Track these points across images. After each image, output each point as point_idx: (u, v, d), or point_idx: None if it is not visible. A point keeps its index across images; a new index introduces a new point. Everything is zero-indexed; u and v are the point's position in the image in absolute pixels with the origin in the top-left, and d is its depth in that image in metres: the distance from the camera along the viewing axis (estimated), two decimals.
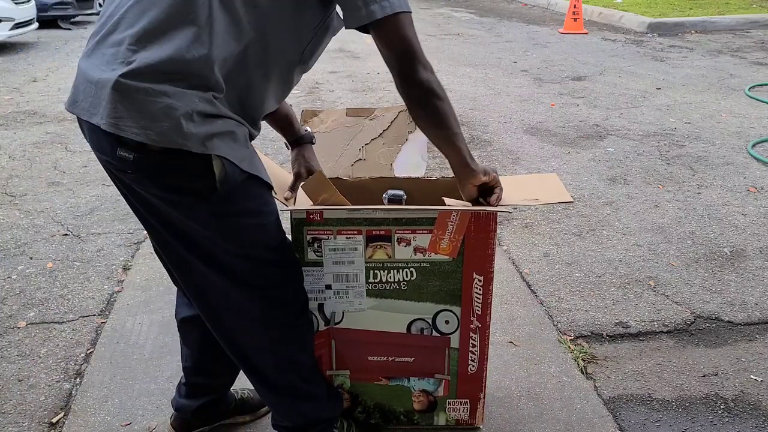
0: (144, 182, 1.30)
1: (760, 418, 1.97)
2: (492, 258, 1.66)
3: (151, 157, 1.24)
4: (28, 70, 6.75)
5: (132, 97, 1.21)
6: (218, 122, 1.26)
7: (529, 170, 3.96)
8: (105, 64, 1.24)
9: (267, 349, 1.56)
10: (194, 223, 1.35)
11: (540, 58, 7.28)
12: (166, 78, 1.21)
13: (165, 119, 1.20)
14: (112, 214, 3.33)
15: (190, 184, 1.29)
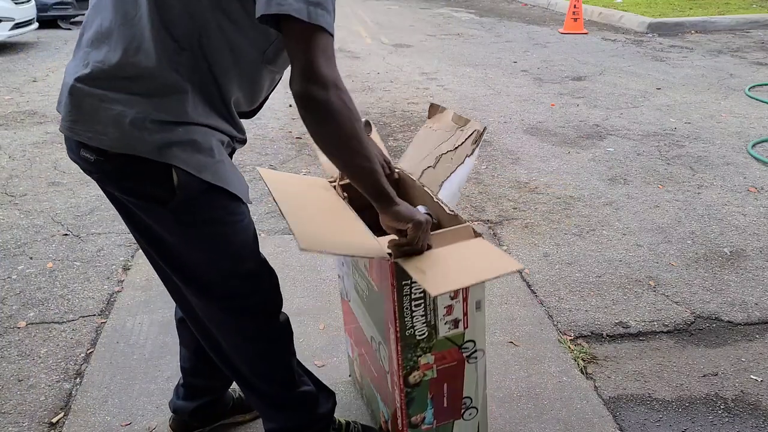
0: (108, 184, 1.32)
1: (760, 418, 1.97)
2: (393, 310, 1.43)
3: (110, 161, 1.24)
4: (28, 70, 6.75)
5: (85, 102, 1.22)
6: (178, 130, 1.23)
7: (529, 170, 3.97)
8: (74, 67, 1.27)
9: (245, 357, 1.55)
10: (160, 228, 1.34)
11: (540, 58, 7.28)
12: (117, 84, 1.21)
13: (115, 126, 1.21)
14: (112, 214, 3.33)
15: (150, 190, 1.27)
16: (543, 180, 3.82)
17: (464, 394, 1.58)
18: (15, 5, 7.77)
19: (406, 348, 1.46)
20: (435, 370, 1.51)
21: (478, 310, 1.48)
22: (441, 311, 1.45)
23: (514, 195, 3.61)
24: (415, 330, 1.45)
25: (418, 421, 1.57)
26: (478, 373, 1.57)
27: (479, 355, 1.55)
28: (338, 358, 2.22)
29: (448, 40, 8.51)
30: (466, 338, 1.50)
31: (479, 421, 1.65)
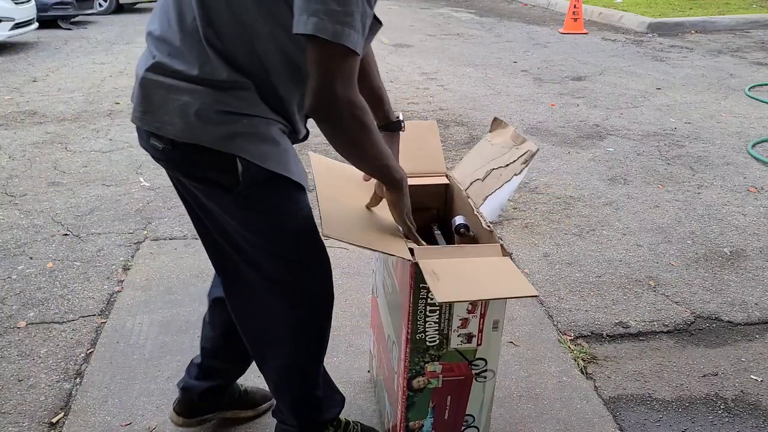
0: (175, 171, 1.37)
1: (760, 418, 1.97)
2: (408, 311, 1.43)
3: (177, 149, 1.30)
4: (28, 70, 6.75)
5: (154, 93, 1.28)
6: (242, 121, 1.28)
7: (529, 170, 3.96)
8: (144, 60, 1.33)
9: (281, 347, 1.57)
10: (223, 212, 1.39)
11: (540, 58, 7.28)
12: (184, 75, 1.26)
13: (181, 117, 1.26)
14: (112, 214, 3.33)
15: (215, 177, 1.32)
16: (543, 180, 3.82)
17: (467, 411, 1.56)
18: (15, 5, 7.76)
19: (414, 351, 1.45)
20: (440, 380, 1.50)
21: (495, 329, 1.46)
22: (456, 322, 1.44)
23: (514, 195, 3.61)
24: (426, 335, 1.44)
25: (416, 427, 1.56)
26: (485, 395, 1.55)
27: (489, 376, 1.52)
28: (338, 358, 2.22)
29: (448, 40, 8.51)
30: (477, 355, 1.49)
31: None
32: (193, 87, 1.25)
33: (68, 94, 5.77)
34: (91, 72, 6.66)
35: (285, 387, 1.65)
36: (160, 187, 3.69)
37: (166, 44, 1.29)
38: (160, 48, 1.30)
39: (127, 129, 4.76)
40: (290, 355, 1.58)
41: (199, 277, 2.73)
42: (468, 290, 1.29)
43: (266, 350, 1.60)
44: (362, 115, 1.22)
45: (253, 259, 1.44)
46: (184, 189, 1.44)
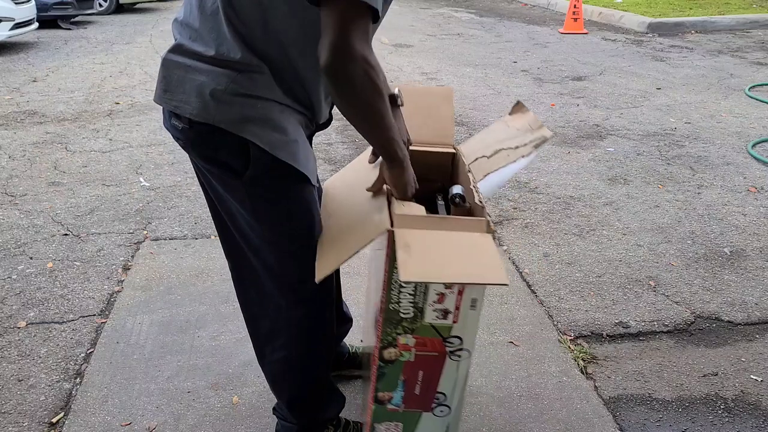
0: (191, 152, 1.40)
1: (760, 418, 1.97)
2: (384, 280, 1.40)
3: (193, 129, 1.32)
4: (28, 70, 6.75)
5: (173, 73, 1.32)
6: (257, 106, 1.29)
7: (529, 170, 3.96)
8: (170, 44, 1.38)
9: (280, 341, 1.58)
10: (233, 199, 1.41)
11: (540, 58, 7.27)
12: (201, 56, 1.29)
13: (198, 96, 1.29)
14: (112, 214, 3.33)
15: (227, 161, 1.34)
16: (543, 180, 3.82)
17: (439, 388, 1.51)
18: (15, 5, 7.76)
19: (387, 321, 1.41)
20: (413, 354, 1.45)
21: (473, 308, 1.42)
22: (432, 296, 1.39)
23: (514, 195, 3.61)
24: (400, 306, 1.39)
25: (385, 398, 1.51)
26: (459, 373, 1.50)
27: (464, 355, 1.48)
28: None
29: (448, 40, 8.51)
30: (452, 332, 1.44)
31: (450, 423, 1.57)
32: (209, 68, 1.28)
33: (68, 94, 5.77)
34: (91, 72, 6.66)
35: (284, 383, 1.65)
36: (160, 187, 3.69)
37: (188, 28, 1.33)
38: (182, 32, 1.34)
39: (127, 129, 4.76)
40: (289, 350, 1.59)
41: (199, 277, 2.73)
42: (436, 270, 1.24)
43: (266, 344, 1.62)
44: (376, 76, 1.18)
45: (258, 248, 1.46)
46: (200, 173, 1.47)
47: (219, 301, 2.55)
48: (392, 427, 1.54)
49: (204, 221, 3.26)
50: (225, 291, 2.61)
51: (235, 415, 1.97)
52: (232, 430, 1.91)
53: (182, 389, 2.07)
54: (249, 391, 2.07)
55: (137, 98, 5.62)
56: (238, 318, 2.41)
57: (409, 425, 1.55)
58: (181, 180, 3.80)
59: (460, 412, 1.58)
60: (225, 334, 2.35)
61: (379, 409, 1.52)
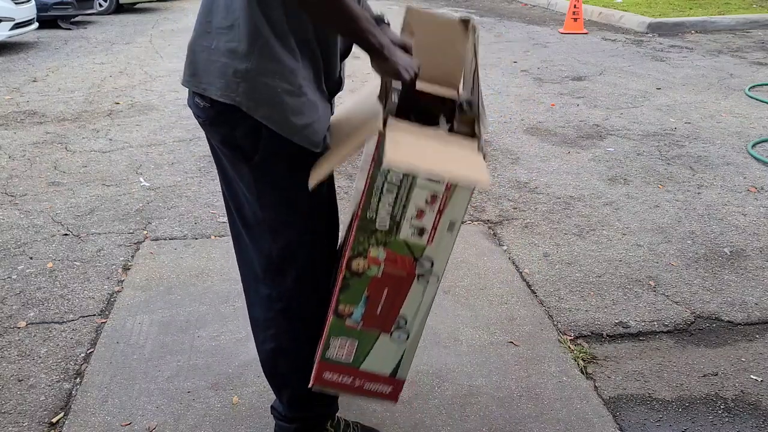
0: (209, 130, 1.44)
1: (760, 418, 1.97)
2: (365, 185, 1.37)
3: (214, 107, 1.36)
4: (28, 70, 6.75)
5: (199, 56, 1.36)
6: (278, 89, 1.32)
7: (529, 170, 3.96)
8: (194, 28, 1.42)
9: (271, 330, 1.60)
10: (242, 183, 1.44)
11: (540, 58, 7.27)
12: (222, 38, 1.32)
13: (221, 77, 1.33)
14: (112, 214, 3.33)
15: (240, 142, 1.38)
16: (543, 180, 3.82)
17: (401, 311, 1.47)
18: (15, 5, 7.76)
19: (361, 229, 1.36)
20: (381, 270, 1.41)
21: (449, 231, 1.38)
22: (411, 211, 1.34)
23: (514, 195, 3.61)
24: (377, 216, 1.35)
25: (345, 312, 1.47)
26: (424, 298, 1.46)
27: (432, 280, 1.43)
28: None
29: None
30: (426, 253, 1.39)
31: (405, 350, 1.52)
32: (232, 46, 1.31)
33: (68, 94, 5.77)
34: (91, 72, 6.65)
35: (275, 373, 1.67)
36: (160, 187, 3.69)
37: (211, 12, 1.36)
38: (207, 16, 1.37)
39: (127, 129, 4.76)
40: (278, 342, 1.60)
41: (199, 277, 2.73)
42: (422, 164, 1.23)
43: (260, 331, 1.64)
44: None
45: (257, 235, 1.49)
46: (215, 156, 1.51)
47: (219, 301, 2.55)
48: (348, 345, 1.50)
49: (204, 221, 3.26)
50: (225, 291, 2.61)
51: (235, 415, 1.97)
52: (232, 430, 1.91)
53: (182, 389, 2.07)
54: (249, 391, 2.07)
55: (137, 98, 5.62)
56: (238, 318, 2.42)
57: (365, 345, 1.50)
58: (181, 180, 3.80)
59: (416, 342, 1.53)
60: (225, 334, 2.35)
61: (337, 322, 1.47)
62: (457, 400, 2.04)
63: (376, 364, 1.52)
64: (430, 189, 1.32)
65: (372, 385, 1.55)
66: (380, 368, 1.53)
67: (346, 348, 1.50)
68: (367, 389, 1.55)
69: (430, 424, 1.94)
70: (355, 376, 1.53)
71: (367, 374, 1.53)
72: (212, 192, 3.60)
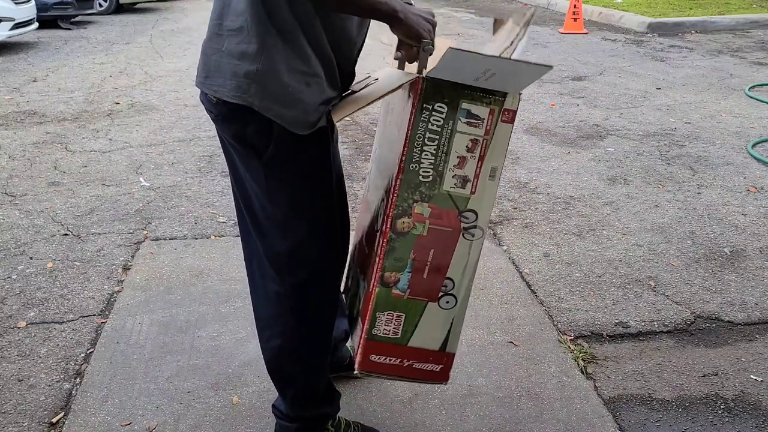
0: (221, 126, 1.46)
1: (760, 418, 1.97)
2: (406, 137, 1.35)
3: (227, 104, 1.37)
4: (28, 70, 6.75)
5: (210, 59, 1.39)
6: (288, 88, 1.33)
7: (529, 170, 3.96)
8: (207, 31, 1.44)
9: (278, 328, 1.60)
10: (252, 179, 1.45)
11: (540, 58, 7.28)
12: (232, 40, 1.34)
13: (233, 78, 1.34)
14: (112, 214, 3.33)
15: (251, 138, 1.39)
16: (543, 180, 3.82)
17: (448, 273, 1.42)
18: (15, 5, 7.76)
19: (405, 184, 1.34)
20: (426, 227, 1.37)
21: (492, 178, 1.35)
22: (453, 159, 1.33)
23: (514, 195, 3.61)
24: (420, 167, 1.33)
25: (391, 280, 1.41)
26: (470, 256, 1.41)
27: (477, 234, 1.39)
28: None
29: None
30: (469, 205, 1.37)
31: (454, 318, 1.47)
32: (242, 48, 1.32)
33: (68, 94, 5.77)
34: (91, 72, 6.66)
35: (278, 371, 1.66)
36: (160, 187, 3.69)
37: (221, 15, 1.37)
38: (218, 18, 1.38)
39: (127, 129, 4.76)
40: (283, 340, 1.60)
41: (199, 277, 2.73)
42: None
43: (265, 329, 1.63)
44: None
45: (267, 232, 1.49)
46: (226, 152, 1.52)
47: (219, 301, 2.55)
48: (394, 319, 1.44)
49: (204, 221, 3.26)
50: (225, 291, 2.61)
51: (235, 415, 1.97)
52: (232, 430, 1.91)
53: (182, 389, 2.07)
54: (249, 391, 2.07)
55: (137, 98, 5.62)
56: (238, 318, 2.42)
57: (412, 317, 1.44)
58: (181, 180, 3.80)
59: (464, 309, 1.48)
60: (225, 334, 2.35)
61: (383, 292, 1.41)
62: (457, 400, 2.04)
63: (424, 338, 1.46)
64: (471, 134, 1.32)
65: (421, 365, 1.49)
66: (429, 343, 1.47)
67: (393, 323, 1.44)
68: (417, 369, 1.49)
69: (430, 424, 1.94)
70: (404, 355, 1.46)
71: (415, 351, 1.47)
72: (212, 192, 3.60)
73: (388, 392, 2.07)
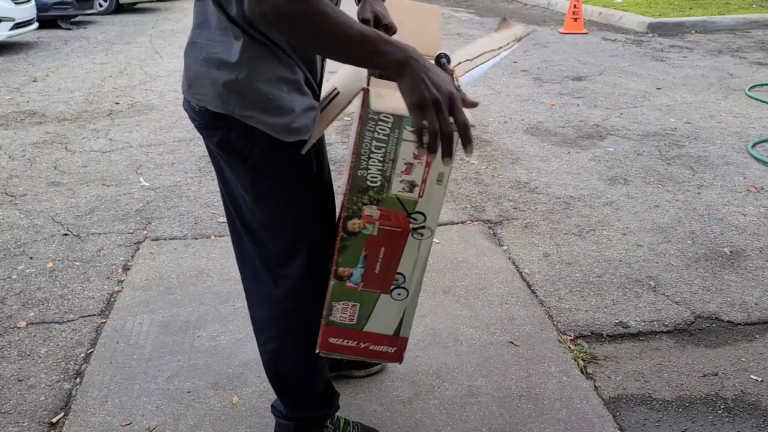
0: (205, 134, 1.45)
1: (760, 418, 1.97)
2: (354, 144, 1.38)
3: (209, 112, 1.37)
4: (28, 70, 6.75)
5: (191, 68, 1.38)
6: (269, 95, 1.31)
7: (529, 170, 3.96)
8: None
9: (273, 331, 1.60)
10: (239, 184, 1.45)
11: (540, 58, 7.27)
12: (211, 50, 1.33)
13: (212, 87, 1.33)
14: (112, 214, 3.33)
15: (236, 144, 1.38)
16: (543, 180, 3.82)
17: (399, 269, 1.50)
18: (15, 5, 7.77)
19: (354, 189, 1.39)
20: (376, 227, 1.44)
21: (438, 183, 1.40)
22: (400, 165, 1.37)
23: (514, 195, 3.61)
24: (368, 173, 1.38)
25: (345, 274, 1.50)
26: (419, 254, 1.48)
27: (426, 233, 1.45)
28: None
29: (448, 40, 8.50)
30: (417, 208, 1.42)
31: (406, 308, 1.55)
32: (220, 58, 1.32)
33: (68, 94, 5.77)
34: (91, 72, 6.66)
35: (276, 374, 1.67)
36: (160, 187, 3.69)
37: (200, 24, 1.37)
38: (197, 27, 1.38)
39: (127, 129, 4.76)
40: (280, 343, 1.61)
41: (199, 277, 2.73)
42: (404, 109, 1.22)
43: (261, 332, 1.64)
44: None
45: (258, 237, 1.49)
46: (214, 159, 1.52)
47: (219, 301, 2.55)
48: (349, 307, 1.54)
49: (204, 221, 3.26)
50: (225, 291, 2.61)
51: (235, 415, 1.97)
52: (232, 430, 1.91)
53: (182, 389, 2.07)
54: (249, 391, 2.07)
55: (137, 98, 5.62)
56: (238, 318, 2.42)
57: (366, 306, 1.54)
58: (181, 180, 3.80)
59: (415, 300, 1.56)
60: (225, 334, 2.35)
61: (338, 285, 1.50)
62: (457, 400, 2.04)
63: (378, 324, 1.55)
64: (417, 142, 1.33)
65: (377, 347, 1.59)
66: (383, 329, 1.56)
67: (349, 311, 1.54)
68: (373, 350, 1.59)
69: (430, 424, 1.95)
70: (360, 339, 1.57)
71: (371, 335, 1.57)
72: (212, 192, 3.60)
73: (388, 392, 2.07)
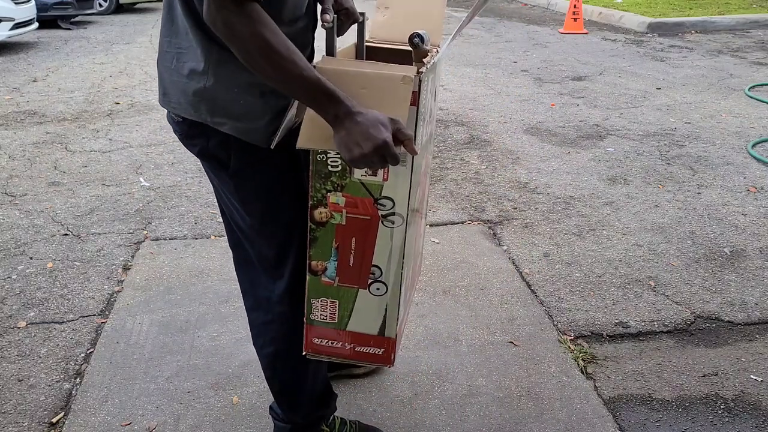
0: (187, 144, 1.45)
1: (760, 418, 1.97)
2: None
3: (186, 122, 1.38)
4: (28, 70, 6.75)
5: (164, 77, 1.38)
6: (239, 101, 1.31)
7: (529, 170, 3.96)
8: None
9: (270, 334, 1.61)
10: (225, 190, 1.47)
11: (540, 58, 7.27)
12: (181, 58, 1.33)
13: (183, 96, 1.34)
14: (112, 214, 3.33)
15: (215, 152, 1.39)
16: (543, 180, 3.82)
17: (374, 261, 1.42)
18: (15, 5, 7.76)
19: (316, 175, 1.35)
20: (344, 216, 1.38)
21: (403, 164, 1.31)
22: None
23: (514, 195, 3.61)
24: (327, 157, 1.32)
25: (319, 268, 1.44)
26: (393, 243, 1.41)
27: (397, 221, 1.38)
28: None
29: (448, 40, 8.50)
30: (384, 192, 1.35)
31: (387, 304, 1.47)
32: (189, 66, 1.31)
33: (68, 94, 5.77)
34: (91, 72, 6.66)
35: (274, 377, 1.67)
36: (160, 187, 3.69)
37: (170, 32, 1.36)
38: (166, 36, 1.37)
39: (127, 129, 4.76)
40: (277, 346, 1.61)
41: (199, 277, 2.73)
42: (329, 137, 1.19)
43: (258, 336, 1.64)
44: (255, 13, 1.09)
45: (251, 240, 1.50)
46: (205, 169, 1.53)
47: (219, 301, 2.55)
48: (328, 305, 1.48)
49: (204, 221, 3.26)
50: (225, 291, 2.61)
51: (235, 415, 1.97)
52: (232, 430, 1.91)
53: (182, 389, 2.07)
54: (249, 391, 2.07)
55: (137, 98, 5.62)
56: (238, 318, 2.42)
57: (346, 303, 1.48)
58: (181, 180, 3.80)
59: (397, 296, 1.48)
60: (225, 334, 2.35)
61: (313, 280, 1.46)
62: (457, 400, 2.04)
63: (361, 323, 1.50)
64: None
65: (363, 348, 1.53)
66: (366, 328, 1.50)
67: (328, 308, 1.49)
68: (359, 352, 1.53)
69: (430, 424, 1.95)
70: (345, 339, 1.51)
71: (355, 335, 1.51)
72: (212, 192, 3.58)
73: (388, 392, 2.07)
